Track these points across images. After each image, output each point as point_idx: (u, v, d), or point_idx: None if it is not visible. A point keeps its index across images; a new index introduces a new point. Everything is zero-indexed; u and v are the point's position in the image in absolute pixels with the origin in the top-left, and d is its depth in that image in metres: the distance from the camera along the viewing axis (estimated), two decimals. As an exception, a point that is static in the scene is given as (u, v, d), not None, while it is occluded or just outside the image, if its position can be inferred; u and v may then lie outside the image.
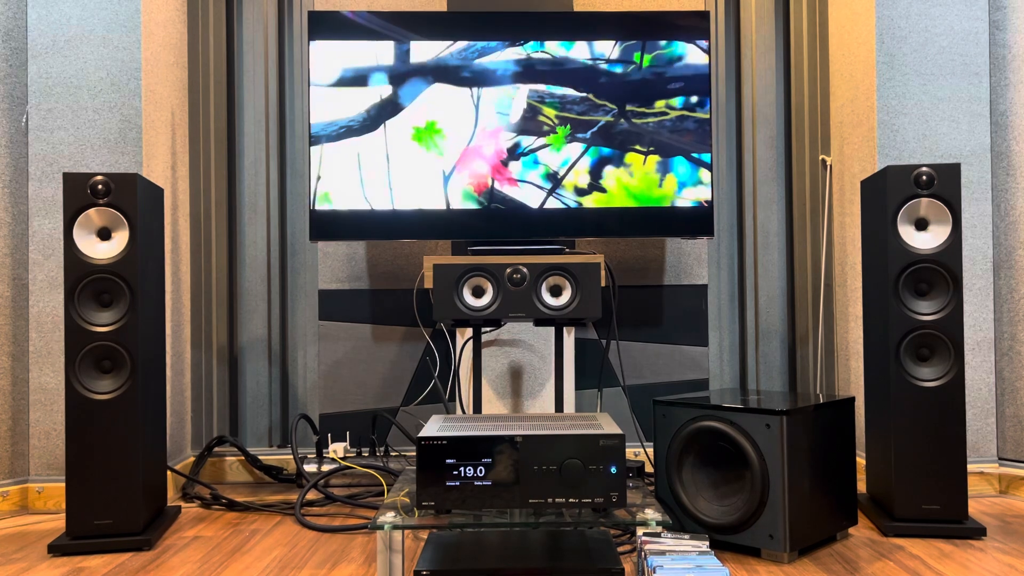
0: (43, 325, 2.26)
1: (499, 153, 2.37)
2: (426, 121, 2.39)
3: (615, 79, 2.37)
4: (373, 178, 2.39)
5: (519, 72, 2.35)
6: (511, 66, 2.33)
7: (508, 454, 1.44)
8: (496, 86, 2.37)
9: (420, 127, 2.38)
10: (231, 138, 2.70)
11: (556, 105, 2.36)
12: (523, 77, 2.34)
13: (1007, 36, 2.37)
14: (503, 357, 2.39)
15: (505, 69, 2.34)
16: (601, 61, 2.32)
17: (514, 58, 2.25)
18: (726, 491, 1.82)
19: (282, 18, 2.71)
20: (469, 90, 2.36)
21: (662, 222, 2.41)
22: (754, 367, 2.73)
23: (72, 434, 1.88)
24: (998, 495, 2.33)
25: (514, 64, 2.30)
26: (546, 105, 2.35)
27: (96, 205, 1.90)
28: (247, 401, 2.68)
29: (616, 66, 2.35)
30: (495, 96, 2.37)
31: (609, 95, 2.38)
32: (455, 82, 2.36)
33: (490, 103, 2.38)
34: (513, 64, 2.30)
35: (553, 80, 2.36)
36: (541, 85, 2.37)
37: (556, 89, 2.37)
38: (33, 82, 2.27)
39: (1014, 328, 2.35)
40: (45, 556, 1.86)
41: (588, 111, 2.38)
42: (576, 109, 2.36)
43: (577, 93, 2.36)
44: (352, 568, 1.74)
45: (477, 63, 2.30)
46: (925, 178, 1.94)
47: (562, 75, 2.36)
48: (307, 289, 2.70)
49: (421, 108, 2.39)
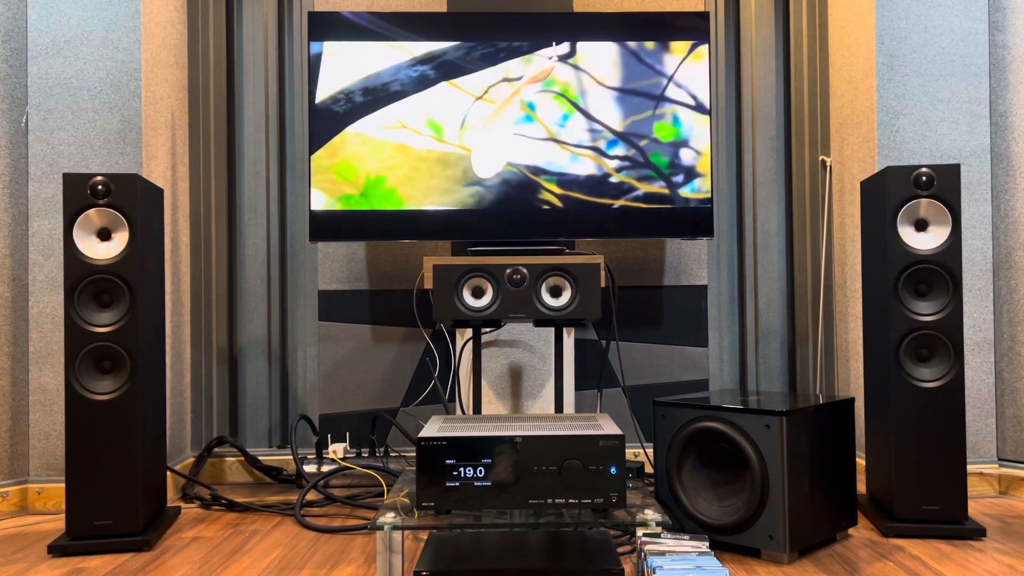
0: (43, 325, 2.26)
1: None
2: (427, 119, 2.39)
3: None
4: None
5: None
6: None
7: (508, 455, 1.44)
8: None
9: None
10: (231, 138, 2.70)
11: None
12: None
13: (1007, 37, 2.37)
14: (503, 358, 2.39)
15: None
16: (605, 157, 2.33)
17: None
18: (726, 492, 1.82)
19: (282, 19, 2.72)
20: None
21: (662, 222, 2.41)
22: (754, 368, 2.73)
23: (72, 434, 1.87)
24: (998, 496, 2.33)
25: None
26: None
27: (96, 205, 1.90)
28: (247, 402, 2.68)
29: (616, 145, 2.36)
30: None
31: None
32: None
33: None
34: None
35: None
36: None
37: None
38: (33, 83, 2.27)
39: (1014, 329, 2.35)
40: (45, 557, 1.86)
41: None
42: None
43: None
44: (352, 569, 1.74)
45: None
46: (925, 179, 1.94)
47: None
48: (307, 290, 2.70)
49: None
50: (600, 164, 2.40)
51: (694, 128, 2.41)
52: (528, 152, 2.40)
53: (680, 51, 2.41)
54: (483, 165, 2.39)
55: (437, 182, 2.39)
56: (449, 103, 2.39)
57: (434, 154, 2.39)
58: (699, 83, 2.41)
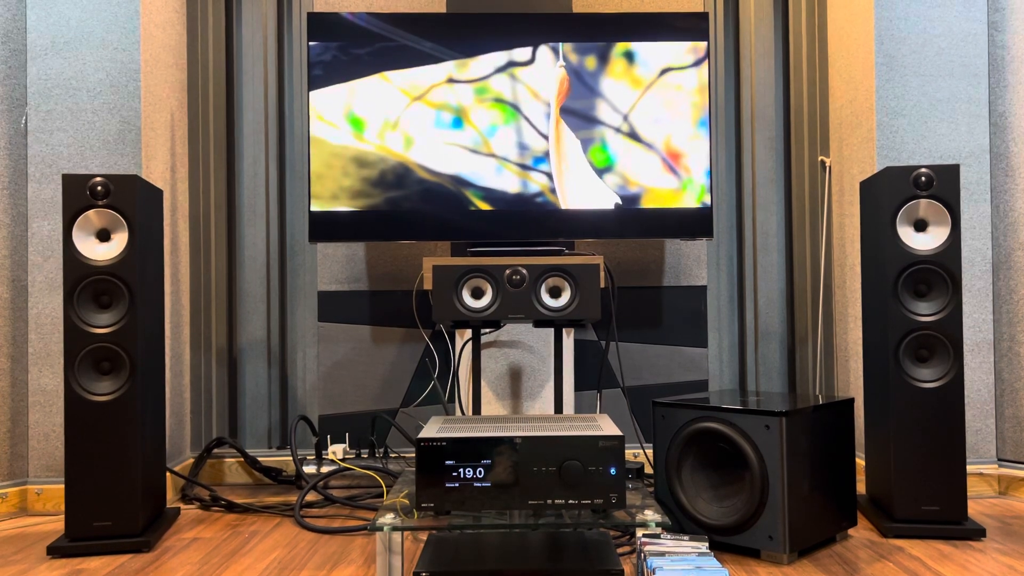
0: (42, 326, 2.25)
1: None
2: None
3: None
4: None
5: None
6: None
7: (507, 455, 1.44)
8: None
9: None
10: (230, 139, 2.70)
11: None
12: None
13: (1006, 37, 2.38)
14: (502, 358, 2.39)
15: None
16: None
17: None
18: (725, 492, 1.81)
19: (281, 20, 2.72)
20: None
21: (662, 223, 2.41)
22: (753, 368, 2.73)
23: (71, 436, 1.87)
24: (997, 496, 2.33)
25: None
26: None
27: (95, 206, 1.89)
28: (246, 402, 2.68)
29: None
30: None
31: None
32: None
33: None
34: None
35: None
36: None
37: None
38: (32, 83, 2.27)
39: (1013, 329, 2.35)
40: (44, 558, 1.86)
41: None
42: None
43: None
44: (351, 570, 1.74)
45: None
46: (924, 179, 1.94)
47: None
48: (306, 290, 2.70)
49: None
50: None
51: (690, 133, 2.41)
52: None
53: (679, 53, 2.41)
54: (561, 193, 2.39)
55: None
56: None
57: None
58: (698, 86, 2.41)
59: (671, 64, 2.41)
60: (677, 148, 2.41)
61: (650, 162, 2.40)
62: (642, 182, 2.40)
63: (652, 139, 2.40)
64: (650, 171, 2.40)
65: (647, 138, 2.40)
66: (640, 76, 2.41)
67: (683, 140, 2.41)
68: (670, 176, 2.41)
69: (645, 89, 2.41)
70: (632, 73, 2.40)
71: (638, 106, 2.40)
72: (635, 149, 2.40)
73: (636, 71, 2.41)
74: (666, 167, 2.40)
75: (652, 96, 2.41)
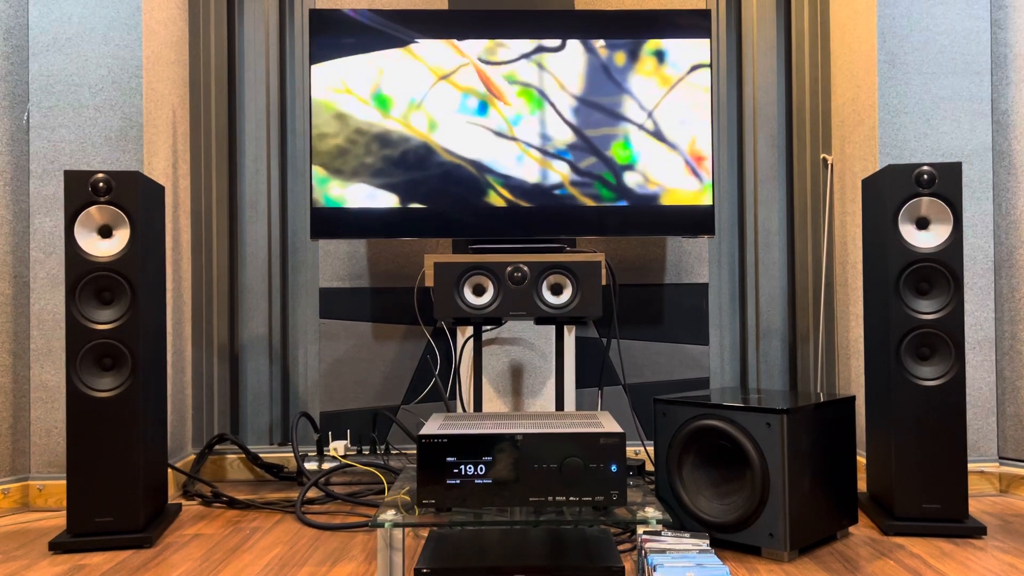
0: (44, 323, 2.26)
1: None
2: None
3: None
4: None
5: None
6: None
7: (509, 452, 1.45)
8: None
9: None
10: (232, 136, 2.70)
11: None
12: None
13: (1008, 35, 2.37)
14: (504, 355, 2.39)
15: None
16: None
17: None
18: (726, 490, 1.82)
19: (283, 16, 2.71)
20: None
21: (663, 221, 2.41)
22: (755, 366, 2.73)
23: (73, 432, 1.88)
24: (998, 494, 2.33)
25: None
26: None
27: (97, 203, 1.90)
28: (248, 399, 2.68)
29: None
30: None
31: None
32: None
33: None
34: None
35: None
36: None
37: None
38: (34, 80, 2.27)
39: (1015, 327, 2.35)
40: (46, 553, 1.86)
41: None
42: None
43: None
44: (353, 566, 1.75)
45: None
46: (926, 177, 1.94)
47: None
48: (308, 287, 2.70)
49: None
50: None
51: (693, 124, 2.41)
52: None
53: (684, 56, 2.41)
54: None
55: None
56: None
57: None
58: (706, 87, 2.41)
59: (673, 63, 2.41)
60: (678, 147, 2.41)
61: (672, 161, 2.40)
62: (659, 180, 2.40)
63: (651, 130, 2.40)
64: (655, 165, 2.40)
65: (642, 126, 2.40)
66: (621, 72, 2.41)
67: (679, 131, 2.41)
68: (691, 177, 2.40)
69: (642, 85, 2.41)
70: (616, 66, 2.41)
71: (644, 104, 2.40)
72: (657, 145, 2.40)
73: (622, 65, 2.41)
74: (686, 166, 2.40)
75: (648, 89, 2.41)
